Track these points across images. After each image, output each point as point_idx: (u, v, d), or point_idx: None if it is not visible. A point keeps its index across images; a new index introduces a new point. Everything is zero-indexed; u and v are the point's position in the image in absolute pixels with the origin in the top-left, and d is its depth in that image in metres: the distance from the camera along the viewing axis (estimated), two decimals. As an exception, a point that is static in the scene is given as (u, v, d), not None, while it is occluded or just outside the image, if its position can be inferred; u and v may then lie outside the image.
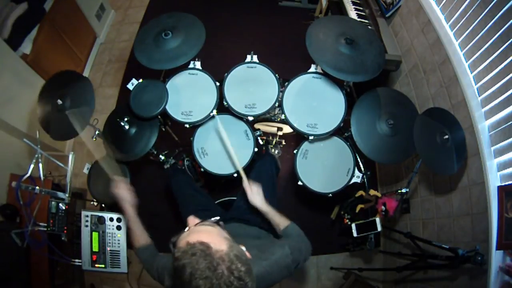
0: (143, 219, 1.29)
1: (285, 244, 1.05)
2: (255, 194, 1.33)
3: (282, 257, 1.01)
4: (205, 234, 0.77)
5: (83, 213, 1.54)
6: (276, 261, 0.99)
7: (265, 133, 2.04)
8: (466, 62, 1.60)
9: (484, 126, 1.49)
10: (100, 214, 1.53)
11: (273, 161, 1.69)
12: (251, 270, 0.77)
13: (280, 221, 1.25)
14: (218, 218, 0.85)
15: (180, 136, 2.13)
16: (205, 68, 1.66)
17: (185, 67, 1.64)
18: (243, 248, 0.81)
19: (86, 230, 1.53)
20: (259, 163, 1.66)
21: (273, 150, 2.08)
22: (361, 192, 1.68)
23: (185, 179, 1.69)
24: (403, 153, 1.54)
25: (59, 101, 1.49)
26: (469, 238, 1.54)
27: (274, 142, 2.07)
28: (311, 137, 1.56)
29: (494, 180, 1.42)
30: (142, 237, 1.27)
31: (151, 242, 1.27)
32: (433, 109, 1.61)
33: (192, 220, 0.84)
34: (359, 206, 1.68)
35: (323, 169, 1.63)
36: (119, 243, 1.53)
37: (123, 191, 1.32)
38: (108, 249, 1.53)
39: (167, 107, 1.57)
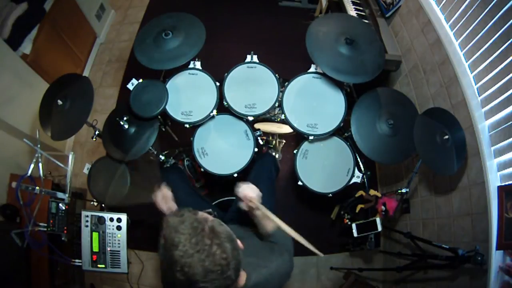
0: (143, 219, 1.29)
1: (283, 251, 1.03)
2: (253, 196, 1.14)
3: (282, 264, 1.00)
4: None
5: (83, 213, 1.53)
6: (276, 269, 0.98)
7: (265, 133, 2.04)
8: (466, 62, 1.60)
9: (484, 126, 1.49)
10: (100, 214, 1.53)
11: (273, 161, 1.69)
12: (233, 239, 0.80)
13: (268, 224, 1.16)
14: (210, 210, 0.89)
15: (180, 136, 2.13)
16: (205, 68, 1.66)
17: (185, 67, 1.64)
18: (239, 242, 0.83)
19: (86, 230, 1.52)
20: (258, 163, 1.66)
21: (274, 153, 2.08)
22: (361, 192, 1.68)
23: (178, 180, 1.67)
24: (403, 153, 1.54)
25: (59, 102, 1.49)
26: (469, 238, 1.54)
27: (274, 142, 2.07)
28: (311, 137, 1.56)
29: (494, 180, 1.42)
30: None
31: None
32: (433, 109, 1.61)
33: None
34: (359, 206, 1.68)
35: (323, 169, 1.63)
36: (119, 243, 1.53)
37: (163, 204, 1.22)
38: (108, 249, 1.53)
39: (167, 107, 1.57)
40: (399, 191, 1.58)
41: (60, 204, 1.64)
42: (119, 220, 1.54)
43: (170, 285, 0.79)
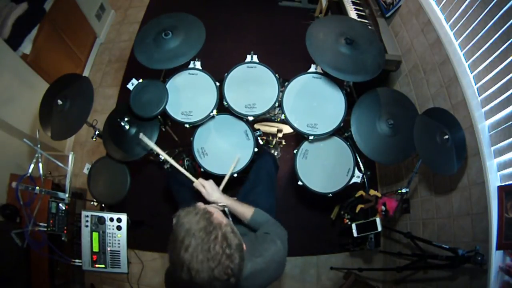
0: (143, 219, 1.28)
1: (275, 239, 1.04)
2: (209, 191, 1.24)
3: (277, 252, 1.01)
4: (211, 208, 0.85)
5: (83, 213, 1.53)
6: (271, 257, 0.99)
7: (265, 133, 2.04)
8: (466, 62, 1.60)
9: (484, 126, 1.49)
10: (100, 214, 1.53)
11: (272, 159, 1.69)
12: (242, 248, 0.80)
13: (244, 210, 1.20)
14: (224, 204, 0.90)
15: (180, 136, 2.13)
16: (205, 68, 1.65)
17: (185, 67, 1.64)
18: (244, 245, 0.84)
19: (86, 230, 1.52)
20: (257, 162, 1.66)
21: (273, 151, 2.08)
22: (361, 192, 1.68)
23: (180, 184, 1.67)
24: (403, 153, 1.54)
25: (59, 101, 1.49)
26: (469, 238, 1.54)
27: (274, 142, 2.07)
28: (311, 137, 1.56)
29: (494, 180, 1.42)
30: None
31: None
32: (433, 109, 1.62)
33: (201, 203, 0.90)
34: (359, 206, 1.68)
35: (323, 169, 1.63)
36: (119, 243, 1.53)
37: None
38: (108, 249, 1.53)
39: (167, 107, 1.57)
40: (399, 191, 1.58)
41: (60, 204, 1.64)
42: (119, 220, 1.54)
43: (172, 278, 0.79)
